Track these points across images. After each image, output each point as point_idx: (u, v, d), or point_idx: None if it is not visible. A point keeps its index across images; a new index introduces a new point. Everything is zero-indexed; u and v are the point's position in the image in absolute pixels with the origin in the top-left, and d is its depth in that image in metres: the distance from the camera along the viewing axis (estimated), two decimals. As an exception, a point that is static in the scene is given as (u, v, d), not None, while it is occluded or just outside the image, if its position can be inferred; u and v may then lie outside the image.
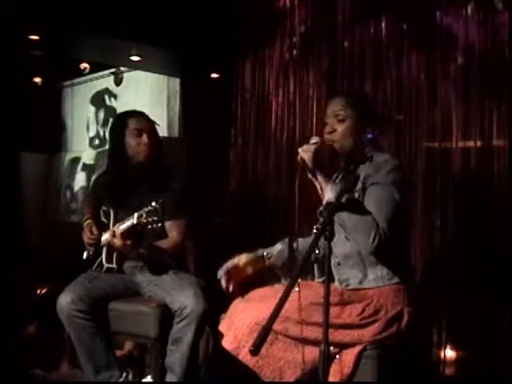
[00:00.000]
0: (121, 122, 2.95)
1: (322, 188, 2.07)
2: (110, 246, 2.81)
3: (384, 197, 2.04)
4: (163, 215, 2.60)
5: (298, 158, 2.09)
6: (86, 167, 5.37)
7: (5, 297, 3.52)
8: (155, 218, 2.56)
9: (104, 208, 2.96)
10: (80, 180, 5.43)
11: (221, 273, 2.30)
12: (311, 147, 2.08)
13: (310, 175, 2.09)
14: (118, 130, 2.95)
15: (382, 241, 1.98)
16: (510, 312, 2.73)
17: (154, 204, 2.56)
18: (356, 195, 2.10)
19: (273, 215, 3.72)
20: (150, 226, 2.59)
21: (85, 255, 2.98)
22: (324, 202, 2.04)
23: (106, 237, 2.84)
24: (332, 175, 2.12)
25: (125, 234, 2.68)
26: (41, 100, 5.22)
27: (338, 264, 2.17)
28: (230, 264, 2.31)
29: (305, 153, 2.07)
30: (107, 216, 2.93)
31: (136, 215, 2.61)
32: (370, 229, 1.98)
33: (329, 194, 2.02)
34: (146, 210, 2.57)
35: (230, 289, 2.27)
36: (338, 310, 2.02)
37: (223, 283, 2.27)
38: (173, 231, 2.86)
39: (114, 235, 2.69)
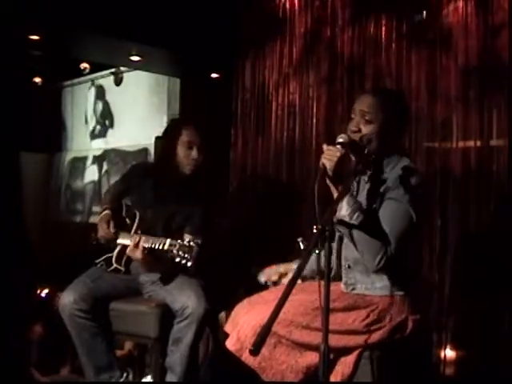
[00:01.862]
0: (175, 130, 2.90)
1: (337, 196, 1.97)
2: (124, 248, 2.77)
3: (399, 215, 1.98)
4: (196, 257, 2.52)
5: (320, 163, 1.97)
6: (96, 159, 5.36)
7: (5, 297, 3.52)
8: (188, 257, 2.50)
9: (129, 203, 2.91)
10: (89, 174, 5.42)
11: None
12: (336, 153, 1.95)
13: (328, 182, 1.99)
14: (170, 137, 2.89)
15: (387, 263, 1.95)
16: (510, 312, 2.73)
17: (189, 240, 2.51)
18: (373, 205, 2.05)
19: (273, 215, 3.72)
20: (178, 259, 2.52)
21: (93, 242, 2.91)
22: (337, 214, 1.97)
23: (126, 240, 2.78)
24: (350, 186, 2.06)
25: (148, 250, 2.66)
26: (41, 100, 5.22)
27: (348, 267, 2.13)
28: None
29: (327, 160, 1.96)
30: (130, 216, 2.87)
31: (168, 242, 2.57)
32: (377, 251, 1.95)
33: (343, 208, 1.94)
34: (181, 243, 2.52)
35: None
36: (343, 316, 2.01)
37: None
38: None
39: (137, 246, 2.66)
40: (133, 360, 3.20)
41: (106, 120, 5.23)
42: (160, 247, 2.60)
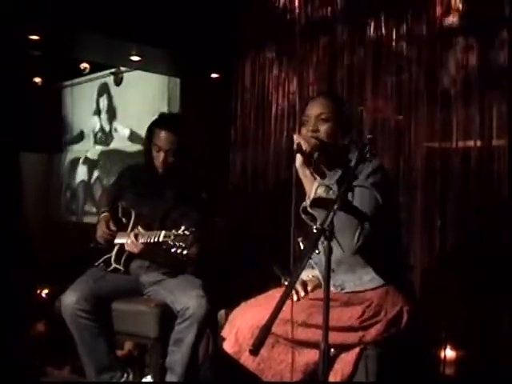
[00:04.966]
0: (151, 130, 2.93)
1: (308, 183, 2.07)
2: (122, 248, 2.80)
3: (365, 198, 2.01)
4: (191, 245, 2.55)
5: (295, 145, 2.06)
6: (87, 161, 5.36)
7: (5, 297, 3.52)
8: (183, 245, 2.52)
9: (123, 204, 2.92)
10: (81, 174, 5.42)
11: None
12: (311, 140, 2.09)
13: (299, 164, 2.07)
14: (147, 137, 2.94)
15: (365, 241, 1.96)
16: (510, 312, 2.73)
17: (183, 229, 2.53)
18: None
19: (272, 215, 3.71)
20: (174, 250, 2.54)
21: (92, 245, 2.93)
22: (309, 198, 2.04)
23: (123, 239, 2.80)
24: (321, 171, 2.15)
25: (144, 244, 2.69)
26: (41, 100, 5.22)
27: (333, 271, 2.10)
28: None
29: (303, 140, 2.07)
30: (126, 215, 2.89)
31: (163, 234, 2.60)
32: (354, 229, 1.96)
33: (318, 189, 2.00)
34: (175, 233, 2.54)
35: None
36: (339, 313, 2.01)
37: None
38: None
39: (134, 241, 2.71)
40: (133, 360, 3.20)
41: (111, 122, 5.21)
42: (155, 239, 2.63)
